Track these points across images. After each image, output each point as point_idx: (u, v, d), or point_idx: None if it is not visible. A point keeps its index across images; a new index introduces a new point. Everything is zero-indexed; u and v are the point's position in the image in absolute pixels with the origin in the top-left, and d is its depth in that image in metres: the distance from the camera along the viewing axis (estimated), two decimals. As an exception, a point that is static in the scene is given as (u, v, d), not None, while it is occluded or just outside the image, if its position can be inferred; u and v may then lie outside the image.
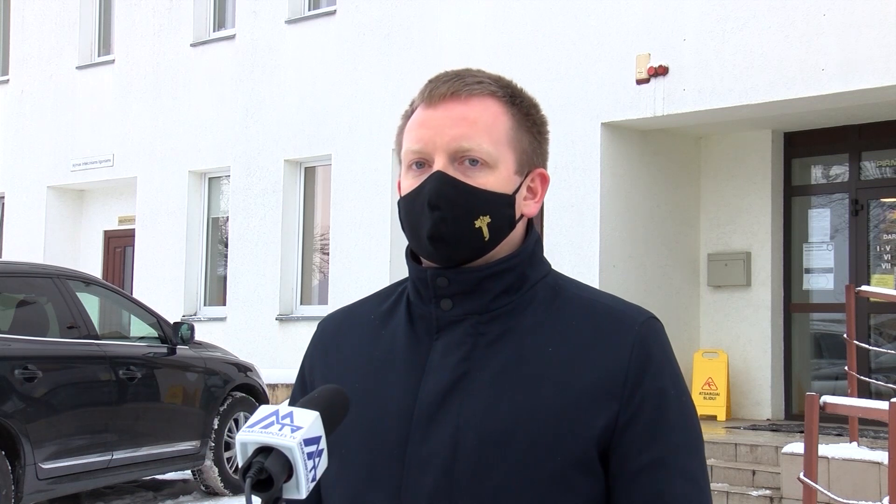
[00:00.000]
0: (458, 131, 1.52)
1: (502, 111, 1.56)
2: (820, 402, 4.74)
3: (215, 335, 11.91)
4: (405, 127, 1.60)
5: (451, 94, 1.54)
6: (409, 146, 1.56)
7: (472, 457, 1.46)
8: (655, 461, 1.47)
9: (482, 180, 1.52)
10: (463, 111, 1.53)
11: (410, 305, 1.60)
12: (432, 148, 1.53)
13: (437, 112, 1.54)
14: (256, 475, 1.22)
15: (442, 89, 1.55)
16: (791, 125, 10.35)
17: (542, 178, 1.62)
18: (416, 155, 1.55)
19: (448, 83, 1.55)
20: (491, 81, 1.58)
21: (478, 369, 1.51)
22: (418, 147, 1.54)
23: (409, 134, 1.57)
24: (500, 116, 1.55)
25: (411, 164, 1.56)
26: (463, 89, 1.54)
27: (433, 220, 1.51)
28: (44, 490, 7.43)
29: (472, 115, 1.53)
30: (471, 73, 1.58)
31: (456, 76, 1.57)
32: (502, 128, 1.55)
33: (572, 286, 1.60)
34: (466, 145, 1.52)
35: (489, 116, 1.54)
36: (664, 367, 1.52)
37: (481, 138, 1.52)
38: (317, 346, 1.69)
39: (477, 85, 1.56)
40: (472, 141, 1.52)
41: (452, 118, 1.53)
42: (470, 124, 1.53)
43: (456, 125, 1.53)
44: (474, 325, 1.54)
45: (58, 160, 15.69)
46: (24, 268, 8.52)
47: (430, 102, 1.56)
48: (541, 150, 1.62)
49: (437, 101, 1.55)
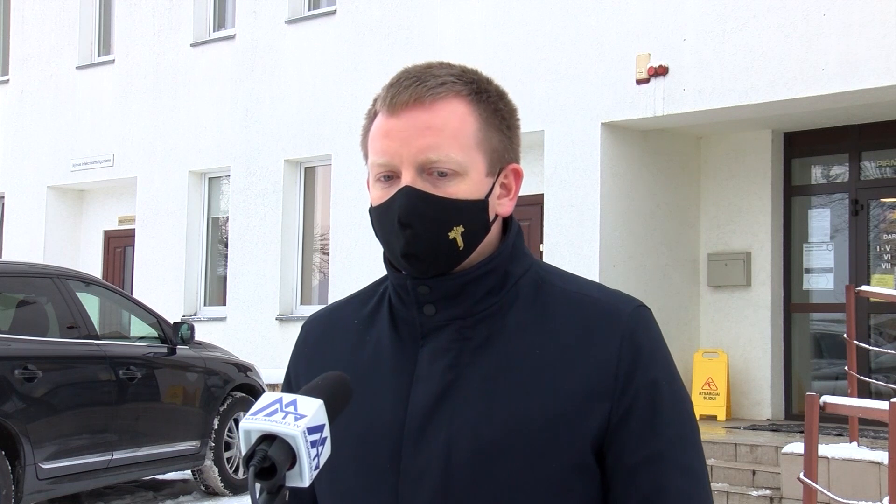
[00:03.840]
0: (424, 142, 1.45)
1: (468, 111, 1.48)
2: (820, 402, 4.73)
3: (215, 335, 11.91)
4: (369, 130, 1.53)
5: (413, 102, 1.47)
6: (374, 158, 1.50)
7: (466, 468, 1.43)
8: (652, 456, 1.44)
9: (453, 189, 1.46)
10: (427, 119, 1.46)
11: (393, 309, 1.56)
12: (399, 161, 1.46)
13: (400, 122, 1.47)
14: (260, 463, 1.22)
15: (403, 97, 1.47)
16: (791, 125, 10.35)
17: (516, 174, 1.55)
18: (383, 168, 1.49)
19: (409, 89, 1.47)
20: (454, 79, 1.50)
21: (466, 377, 1.47)
22: (384, 160, 1.48)
23: (373, 144, 1.51)
24: (466, 118, 1.48)
25: (379, 176, 1.50)
26: (426, 95, 1.47)
27: (405, 238, 1.46)
28: (44, 490, 7.43)
29: (437, 123, 1.46)
30: (432, 72, 1.51)
31: (416, 79, 1.49)
32: (470, 131, 1.48)
33: (556, 278, 1.55)
34: (434, 157, 1.45)
35: (455, 121, 1.47)
36: (655, 358, 1.48)
37: (449, 147, 1.45)
38: (300, 353, 1.65)
39: (440, 87, 1.48)
40: (439, 152, 1.45)
41: (417, 128, 1.46)
42: (436, 133, 1.45)
43: (421, 136, 1.45)
44: (459, 329, 1.50)
45: (58, 160, 15.69)
46: (24, 268, 8.51)
47: (392, 111, 1.48)
48: (511, 145, 1.54)
49: (400, 109, 1.47)
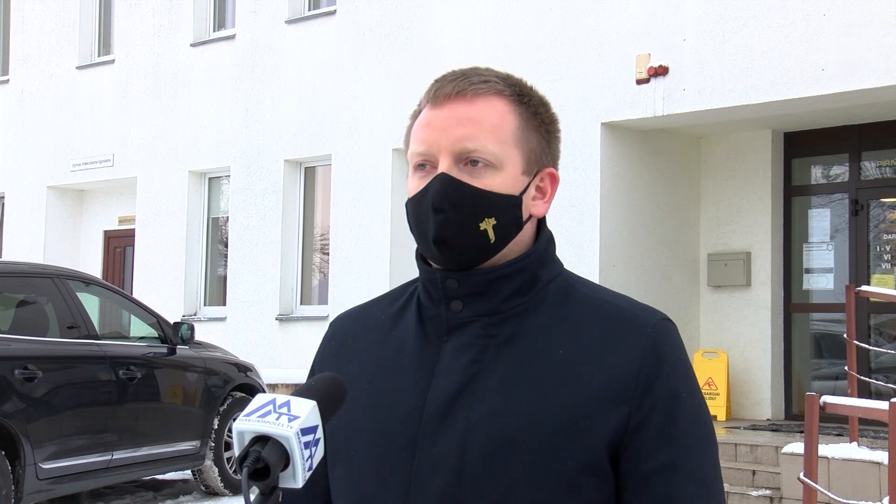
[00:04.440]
0: (463, 132, 1.50)
1: (509, 110, 1.53)
2: (820, 402, 4.73)
3: (215, 335, 11.91)
4: (412, 127, 1.58)
5: (455, 94, 1.52)
6: (414, 148, 1.54)
7: (481, 460, 1.45)
8: (667, 464, 1.44)
9: (488, 181, 1.50)
10: (468, 111, 1.51)
11: (421, 306, 1.58)
12: (437, 149, 1.51)
13: (442, 112, 1.52)
14: (253, 464, 1.22)
15: (447, 89, 1.52)
16: (791, 125, 10.35)
17: (552, 178, 1.59)
18: (421, 157, 1.53)
19: (453, 83, 1.53)
20: (498, 80, 1.55)
21: (488, 372, 1.49)
22: (423, 148, 1.52)
23: (414, 135, 1.55)
24: (506, 116, 1.53)
25: (417, 165, 1.54)
26: (468, 89, 1.52)
27: (437, 223, 1.49)
28: (44, 490, 7.43)
29: (477, 115, 1.51)
30: (477, 72, 1.56)
31: (462, 75, 1.54)
32: (509, 127, 1.52)
33: (584, 287, 1.58)
34: (471, 146, 1.50)
35: (495, 116, 1.52)
36: (677, 370, 1.50)
37: (486, 139, 1.50)
38: (327, 348, 1.67)
39: (483, 84, 1.53)
40: (476, 141, 1.50)
41: (457, 118, 1.51)
42: (475, 124, 1.50)
43: (460, 125, 1.50)
44: (485, 326, 1.52)
45: (58, 160, 15.69)
46: (24, 268, 8.52)
47: (435, 103, 1.53)
48: (550, 150, 1.59)
49: (442, 101, 1.52)
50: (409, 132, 1.58)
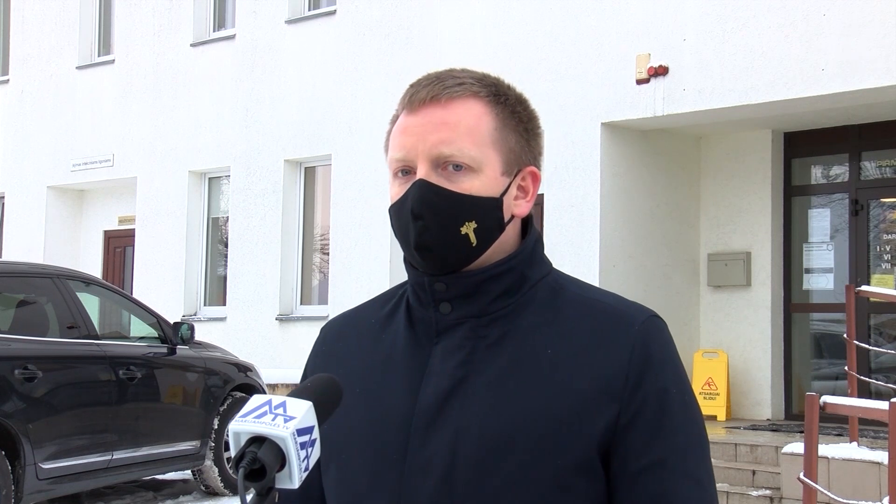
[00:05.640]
0: (439, 137, 1.49)
1: (485, 111, 1.52)
2: (820, 402, 4.73)
3: (215, 335, 11.91)
4: (391, 133, 1.57)
5: (430, 99, 1.51)
6: (393, 154, 1.54)
7: (472, 461, 1.45)
8: (657, 462, 1.44)
9: (466, 185, 1.49)
10: (443, 115, 1.50)
11: (410, 309, 1.59)
12: (414, 155, 1.50)
13: (418, 118, 1.51)
14: (249, 465, 1.22)
15: (422, 94, 1.52)
16: (791, 125, 10.35)
17: (534, 177, 1.58)
18: (400, 163, 1.52)
19: (428, 87, 1.52)
20: (473, 81, 1.54)
21: (477, 373, 1.49)
22: (400, 155, 1.52)
23: (392, 141, 1.55)
24: (482, 117, 1.51)
25: (396, 172, 1.53)
26: (443, 93, 1.51)
27: (417, 230, 1.49)
28: (44, 490, 7.43)
29: (452, 119, 1.50)
30: (452, 74, 1.55)
31: (436, 79, 1.53)
32: (485, 129, 1.51)
33: (573, 285, 1.57)
34: (447, 151, 1.49)
35: (471, 118, 1.51)
36: (665, 367, 1.49)
37: (463, 142, 1.49)
38: (318, 352, 1.68)
39: (457, 87, 1.52)
40: (453, 146, 1.49)
41: (433, 123, 1.50)
42: (451, 128, 1.49)
43: (436, 130, 1.49)
44: (473, 328, 1.52)
45: (58, 160, 15.70)
46: (24, 268, 8.52)
47: (411, 108, 1.52)
48: (530, 148, 1.57)
49: (418, 106, 1.51)
50: (388, 138, 1.58)
